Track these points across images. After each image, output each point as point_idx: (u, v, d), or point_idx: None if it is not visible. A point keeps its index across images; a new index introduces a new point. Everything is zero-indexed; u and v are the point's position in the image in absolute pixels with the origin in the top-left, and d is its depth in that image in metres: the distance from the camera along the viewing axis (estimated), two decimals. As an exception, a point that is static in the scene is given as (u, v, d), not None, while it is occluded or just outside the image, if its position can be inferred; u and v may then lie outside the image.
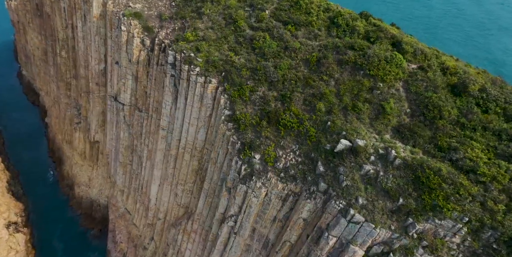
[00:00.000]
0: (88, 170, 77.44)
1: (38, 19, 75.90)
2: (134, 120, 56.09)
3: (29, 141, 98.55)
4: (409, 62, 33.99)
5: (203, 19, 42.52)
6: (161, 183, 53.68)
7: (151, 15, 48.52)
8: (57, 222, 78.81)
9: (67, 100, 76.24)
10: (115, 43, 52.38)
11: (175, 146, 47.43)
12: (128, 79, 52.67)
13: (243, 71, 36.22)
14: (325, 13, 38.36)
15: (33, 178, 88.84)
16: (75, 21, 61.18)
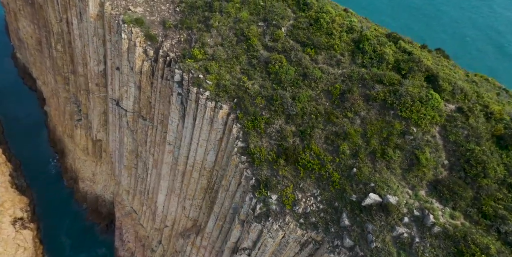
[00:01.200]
0: (91, 165, 75.96)
1: (29, 8, 70.93)
2: (138, 127, 53.64)
3: (29, 129, 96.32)
4: (446, 101, 30.67)
5: (212, 33, 38.84)
6: (168, 193, 52.33)
7: (153, 21, 44.59)
8: (63, 216, 78.62)
9: (66, 94, 73.07)
10: (115, 48, 48.78)
11: (183, 162, 45.48)
12: (131, 87, 49.66)
13: (258, 99, 33.41)
14: (348, 34, 34.58)
15: (36, 169, 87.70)
16: (70, 17, 56.88)
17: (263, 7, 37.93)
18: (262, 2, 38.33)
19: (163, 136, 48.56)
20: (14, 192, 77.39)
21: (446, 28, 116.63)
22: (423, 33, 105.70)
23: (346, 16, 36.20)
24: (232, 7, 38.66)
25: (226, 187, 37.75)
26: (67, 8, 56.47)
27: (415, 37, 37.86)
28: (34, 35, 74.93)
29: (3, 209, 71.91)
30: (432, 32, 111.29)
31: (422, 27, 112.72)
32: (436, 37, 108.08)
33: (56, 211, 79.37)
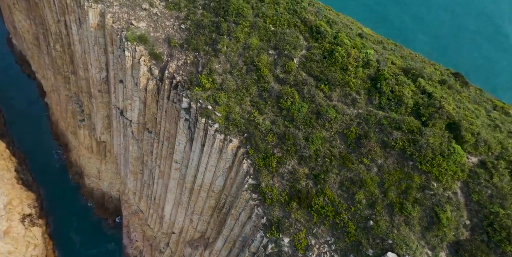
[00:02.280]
0: (96, 162, 75.91)
1: (24, 2, 67.56)
2: (143, 137, 52.84)
3: (30, 120, 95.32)
4: (469, 153, 29.60)
5: (220, 58, 37.13)
6: (175, 205, 52.58)
7: (157, 38, 42.58)
8: (70, 211, 79.72)
9: (67, 92, 71.54)
10: (118, 62, 47.00)
11: (190, 180, 45.26)
12: (135, 101, 48.44)
13: (269, 136, 32.55)
14: (364, 69, 32.95)
15: (40, 162, 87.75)
16: (68, 21, 54.27)
17: (273, 33, 35.94)
18: (273, 27, 36.24)
19: (170, 152, 47.99)
20: (21, 188, 77.89)
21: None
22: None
23: (361, 46, 34.31)
24: (241, 32, 36.67)
25: (236, 216, 37.74)
26: (65, 12, 53.80)
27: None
28: (31, 30, 72.09)
29: (12, 207, 72.70)
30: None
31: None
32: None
33: (63, 206, 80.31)
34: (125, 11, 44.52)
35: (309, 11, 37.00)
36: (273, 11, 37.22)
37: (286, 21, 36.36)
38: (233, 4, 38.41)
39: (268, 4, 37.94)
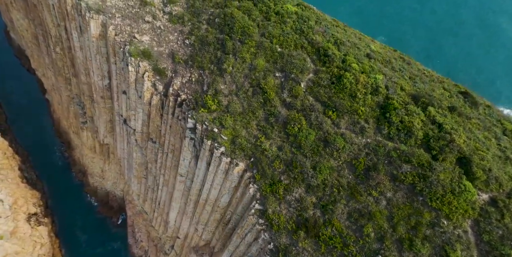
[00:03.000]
0: (100, 162, 76.16)
1: (22, 2, 65.89)
2: (147, 146, 52.70)
3: (31, 115, 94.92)
4: (479, 190, 29.45)
5: (225, 78, 36.56)
6: (180, 213, 53.06)
7: (161, 53, 41.81)
8: (75, 208, 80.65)
9: (68, 93, 70.94)
10: (121, 74, 46.34)
11: (195, 194, 45.55)
12: (139, 112, 48.10)
13: (276, 163, 32.50)
14: (373, 96, 32.40)
15: (43, 159, 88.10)
16: (68, 27, 53.12)
17: (280, 55, 35.20)
18: (280, 48, 35.45)
19: (174, 164, 48.02)
20: (25, 187, 78.38)
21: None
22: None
23: (370, 70, 33.64)
24: (247, 52, 35.92)
25: (242, 236, 38.16)
26: (65, 19, 52.52)
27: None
28: (30, 30, 70.65)
29: (17, 207, 73.38)
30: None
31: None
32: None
33: (67, 204, 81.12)
34: (127, 23, 43.49)
35: (316, 32, 36.11)
36: (280, 30, 36.31)
37: (293, 42, 35.55)
38: (238, 22, 37.45)
39: (274, 23, 37.02)
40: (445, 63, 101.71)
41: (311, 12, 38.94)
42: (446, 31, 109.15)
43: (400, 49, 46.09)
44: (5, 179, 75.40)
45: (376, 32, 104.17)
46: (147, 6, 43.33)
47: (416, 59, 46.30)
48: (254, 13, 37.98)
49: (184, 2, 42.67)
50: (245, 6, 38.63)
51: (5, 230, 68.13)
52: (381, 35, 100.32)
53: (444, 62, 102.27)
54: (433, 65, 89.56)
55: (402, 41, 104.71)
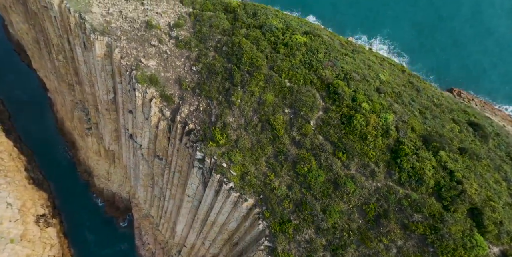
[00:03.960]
0: (105, 165, 77.04)
1: (21, 7, 64.45)
2: (154, 161, 53.20)
3: (34, 113, 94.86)
4: (490, 243, 29.86)
5: (234, 111, 36.58)
6: (187, 225, 54.20)
7: (168, 79, 41.60)
8: (82, 208, 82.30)
9: (72, 98, 70.83)
10: (127, 95, 46.13)
11: (203, 214, 46.49)
12: (145, 131, 48.22)
13: (285, 202, 33.15)
14: (384, 138, 32.43)
15: (48, 158, 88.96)
16: (72, 41, 52.28)
17: (289, 90, 35.00)
18: (289, 83, 35.20)
19: (181, 182, 48.72)
20: (32, 188, 79.69)
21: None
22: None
23: (380, 108, 33.50)
24: (255, 85, 35.75)
25: (250, 262, 39.25)
26: (68, 33, 51.61)
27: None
28: (30, 34, 69.48)
29: (25, 210, 74.95)
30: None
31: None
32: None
33: (74, 203, 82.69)
34: (133, 46, 42.92)
35: (325, 66, 35.72)
36: (289, 64, 35.92)
37: (302, 77, 35.28)
38: (246, 53, 36.99)
39: (283, 55, 36.56)
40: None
41: (320, 41, 38.30)
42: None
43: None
44: (12, 182, 76.57)
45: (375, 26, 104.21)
46: (152, 29, 42.60)
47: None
48: (262, 43, 37.44)
49: (191, 26, 41.94)
50: (253, 36, 38.03)
51: (15, 234, 69.99)
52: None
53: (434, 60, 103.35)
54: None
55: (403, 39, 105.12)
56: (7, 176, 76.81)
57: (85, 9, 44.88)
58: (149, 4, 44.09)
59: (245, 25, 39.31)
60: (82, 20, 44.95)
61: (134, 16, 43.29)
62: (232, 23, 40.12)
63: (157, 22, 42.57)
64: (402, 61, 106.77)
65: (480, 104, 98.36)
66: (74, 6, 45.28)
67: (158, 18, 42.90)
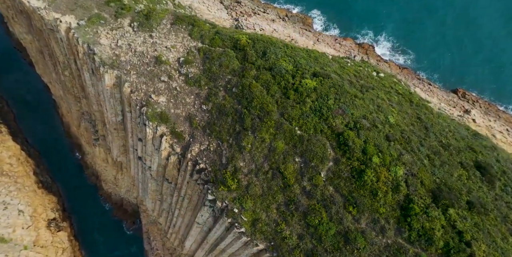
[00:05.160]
0: (113, 171, 78.76)
1: (25, 20, 63.81)
2: (163, 184, 54.65)
3: (39, 113, 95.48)
4: None
5: (244, 156, 37.60)
6: (195, 242, 56.27)
7: (178, 116, 42.36)
8: (91, 211, 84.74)
9: (78, 108, 71.39)
10: (137, 126, 46.84)
11: (213, 240, 48.18)
12: (155, 159, 49.28)
13: (296, 252, 34.84)
14: (394, 194, 33.52)
15: (55, 160, 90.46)
16: (79, 65, 52.39)
17: (300, 139, 35.83)
18: (299, 130, 35.95)
19: (191, 207, 50.19)
20: (42, 192, 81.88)
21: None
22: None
23: (390, 160, 34.45)
24: (266, 132, 36.54)
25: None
26: (76, 57, 51.60)
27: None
28: (34, 44, 69.04)
29: (37, 215, 77.45)
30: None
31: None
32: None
33: (83, 205, 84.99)
34: (143, 81, 43.28)
35: (335, 114, 36.29)
36: (299, 111, 36.51)
37: (313, 126, 35.99)
38: (257, 97, 37.50)
39: (293, 102, 37.06)
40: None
41: (329, 83, 38.60)
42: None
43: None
44: (22, 188, 78.62)
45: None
46: (162, 65, 42.80)
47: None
48: (272, 88, 37.86)
49: (200, 63, 42.11)
50: (263, 79, 38.38)
51: (28, 241, 72.76)
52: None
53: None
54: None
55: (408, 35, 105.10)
56: (17, 182, 78.76)
57: (94, 40, 44.83)
58: (157, 37, 44.00)
59: (255, 66, 39.52)
60: (91, 51, 45.00)
61: (143, 50, 43.34)
62: (242, 62, 40.29)
63: (166, 58, 42.70)
64: (407, 59, 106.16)
65: (484, 106, 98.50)
66: (83, 36, 45.18)
67: (167, 53, 42.97)
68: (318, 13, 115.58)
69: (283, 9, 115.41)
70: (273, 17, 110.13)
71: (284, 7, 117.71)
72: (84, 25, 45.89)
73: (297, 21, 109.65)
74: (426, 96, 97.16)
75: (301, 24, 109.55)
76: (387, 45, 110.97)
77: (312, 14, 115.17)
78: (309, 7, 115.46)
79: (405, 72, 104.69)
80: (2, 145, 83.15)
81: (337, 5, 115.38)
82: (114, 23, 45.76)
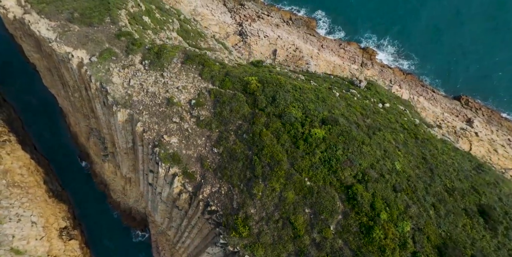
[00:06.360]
0: (121, 181, 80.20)
1: (34, 42, 63.82)
2: (173, 209, 56.17)
3: (46, 118, 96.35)
4: None
5: (255, 203, 38.89)
6: (205, 262, 58.36)
7: (190, 157, 43.36)
8: (101, 218, 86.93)
9: (87, 124, 72.22)
10: (149, 161, 47.89)
11: (223, 266, 50.11)
12: (165, 190, 50.58)
13: (305, 301, 36.26)
14: (401, 250, 34.90)
15: (64, 167, 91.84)
16: (91, 95, 53.02)
17: (309, 190, 36.99)
18: (309, 181, 37.07)
19: (201, 236, 51.84)
20: (53, 202, 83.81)
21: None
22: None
23: (397, 214, 35.72)
24: (276, 181, 37.69)
25: None
26: (87, 87, 52.10)
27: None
28: (42, 63, 69.14)
29: (49, 225, 79.60)
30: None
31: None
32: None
33: (93, 212, 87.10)
34: (155, 121, 44.06)
35: (344, 166, 37.28)
36: (309, 162, 37.51)
37: (322, 178, 37.07)
38: (267, 146, 38.44)
39: (303, 152, 37.97)
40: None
41: (338, 131, 39.42)
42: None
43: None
44: (34, 199, 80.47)
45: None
46: (174, 106, 43.47)
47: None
48: (283, 137, 38.73)
49: (211, 106, 42.77)
50: (274, 127, 39.19)
51: (42, 251, 75.19)
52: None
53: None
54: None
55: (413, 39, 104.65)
56: (28, 193, 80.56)
57: (106, 79, 45.34)
58: (168, 77, 44.48)
59: (265, 113, 40.22)
60: (103, 89, 45.54)
61: (155, 91, 43.92)
62: (252, 108, 40.97)
63: (178, 100, 43.33)
64: (411, 64, 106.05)
65: (487, 113, 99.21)
66: (95, 74, 45.65)
67: (179, 94, 43.56)
68: (322, 14, 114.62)
69: (287, 12, 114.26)
70: (277, 20, 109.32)
71: (288, 8, 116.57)
72: (96, 62, 46.25)
73: (301, 25, 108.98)
74: (429, 105, 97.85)
75: (305, 28, 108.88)
76: (391, 49, 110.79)
77: (316, 16, 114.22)
78: (313, 8, 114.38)
79: (409, 78, 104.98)
80: (12, 155, 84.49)
81: (341, 6, 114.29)
82: (126, 60, 46.12)
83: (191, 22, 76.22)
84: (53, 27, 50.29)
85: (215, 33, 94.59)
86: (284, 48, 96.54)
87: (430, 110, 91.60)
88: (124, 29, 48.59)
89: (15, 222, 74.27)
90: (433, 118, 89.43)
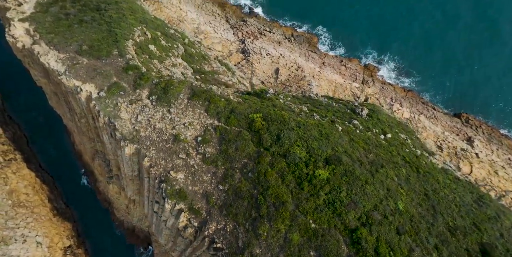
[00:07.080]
0: (125, 201, 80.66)
1: (41, 69, 64.47)
2: (177, 238, 56.68)
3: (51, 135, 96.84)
4: None
5: (261, 243, 39.42)
6: (209, 288, 58.86)
7: (196, 193, 43.94)
8: (104, 235, 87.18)
9: (92, 146, 72.84)
10: (155, 193, 48.44)
11: (227, 296, 50.60)
12: (171, 219, 51.09)
13: None
14: None
15: (68, 184, 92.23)
16: (98, 126, 53.61)
17: (314, 233, 37.56)
18: (313, 224, 37.64)
19: None
20: (57, 220, 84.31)
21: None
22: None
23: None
24: (281, 223, 38.28)
25: None
26: (94, 119, 52.76)
27: None
28: (49, 87, 69.85)
29: (53, 245, 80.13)
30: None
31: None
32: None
33: (97, 230, 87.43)
34: (162, 157, 44.67)
35: (348, 209, 37.87)
36: (313, 204, 38.11)
37: (327, 220, 37.66)
38: (272, 186, 39.03)
39: (307, 194, 38.55)
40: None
41: (342, 171, 40.03)
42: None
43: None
44: (39, 218, 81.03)
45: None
46: (180, 143, 44.10)
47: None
48: (287, 177, 39.33)
49: (217, 143, 43.38)
50: (278, 167, 39.80)
51: (47, 272, 75.60)
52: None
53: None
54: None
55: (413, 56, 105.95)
56: (33, 212, 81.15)
57: (114, 114, 45.98)
58: (175, 113, 45.11)
59: (270, 153, 40.88)
60: (111, 124, 46.19)
61: (162, 127, 44.55)
62: (257, 146, 41.61)
63: (184, 136, 43.96)
64: (412, 81, 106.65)
65: (487, 131, 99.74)
66: (104, 109, 46.30)
67: (185, 131, 44.20)
68: (323, 30, 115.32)
69: (288, 28, 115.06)
70: (279, 37, 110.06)
71: (289, 24, 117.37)
72: (105, 96, 46.91)
73: (303, 42, 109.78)
74: (430, 123, 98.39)
75: (307, 45, 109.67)
76: (391, 65, 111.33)
77: (318, 32, 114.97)
78: (315, 24, 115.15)
79: (409, 95, 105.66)
80: (18, 174, 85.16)
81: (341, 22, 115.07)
82: (133, 95, 46.78)
83: (195, 44, 77.00)
84: (62, 60, 50.96)
85: (219, 52, 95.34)
86: (286, 67, 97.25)
87: (431, 130, 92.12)
88: (131, 62, 49.27)
89: (21, 243, 74.83)
90: (434, 138, 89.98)
